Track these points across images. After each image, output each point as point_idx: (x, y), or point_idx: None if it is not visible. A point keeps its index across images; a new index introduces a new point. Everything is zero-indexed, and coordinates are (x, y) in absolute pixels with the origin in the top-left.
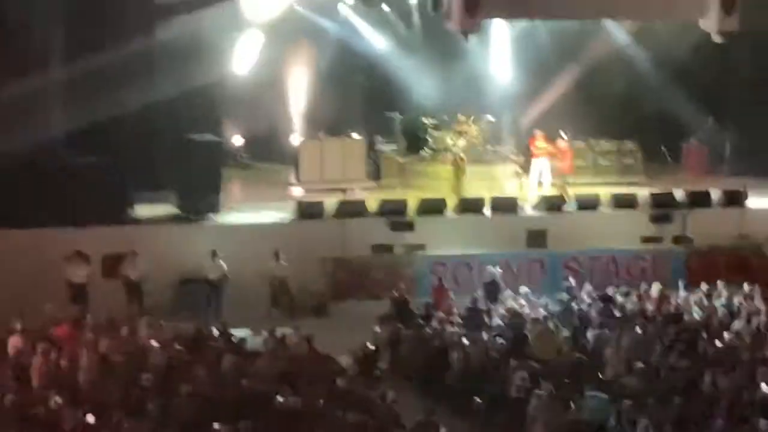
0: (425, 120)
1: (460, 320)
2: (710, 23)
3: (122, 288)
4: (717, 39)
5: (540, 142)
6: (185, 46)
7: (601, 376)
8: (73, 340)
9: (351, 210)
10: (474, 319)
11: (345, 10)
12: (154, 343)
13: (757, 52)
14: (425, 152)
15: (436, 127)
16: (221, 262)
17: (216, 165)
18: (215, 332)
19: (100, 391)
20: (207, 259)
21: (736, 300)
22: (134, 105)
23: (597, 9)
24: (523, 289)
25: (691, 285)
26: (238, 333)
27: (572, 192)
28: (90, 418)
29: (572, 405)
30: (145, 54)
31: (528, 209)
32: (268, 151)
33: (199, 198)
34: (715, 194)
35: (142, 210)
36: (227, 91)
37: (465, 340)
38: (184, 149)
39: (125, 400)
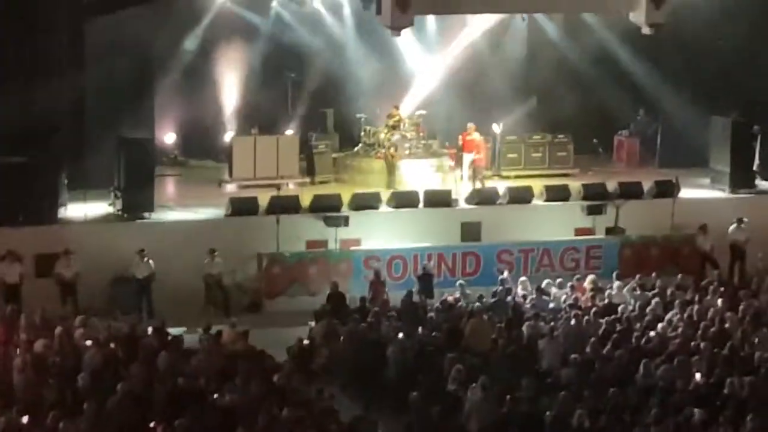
0: (358, 115)
1: (395, 314)
2: (640, 16)
3: (56, 287)
4: (646, 31)
5: (468, 136)
6: (115, 44)
7: (536, 368)
8: (6, 340)
9: (285, 206)
10: (409, 313)
11: (276, 6)
12: (88, 342)
13: (686, 43)
14: (358, 147)
15: (368, 122)
16: (149, 261)
17: (148, 163)
18: (150, 330)
19: (35, 391)
20: (135, 257)
21: (669, 290)
22: (65, 103)
23: (528, 2)
24: (458, 282)
25: (624, 276)
26: (174, 331)
27: (487, 184)
28: (24, 419)
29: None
30: (75, 52)
31: (461, 202)
32: (201, 148)
33: (132, 196)
34: (647, 185)
35: (75, 209)
36: (159, 89)
37: (401, 335)
38: (116, 147)
39: (60, 400)
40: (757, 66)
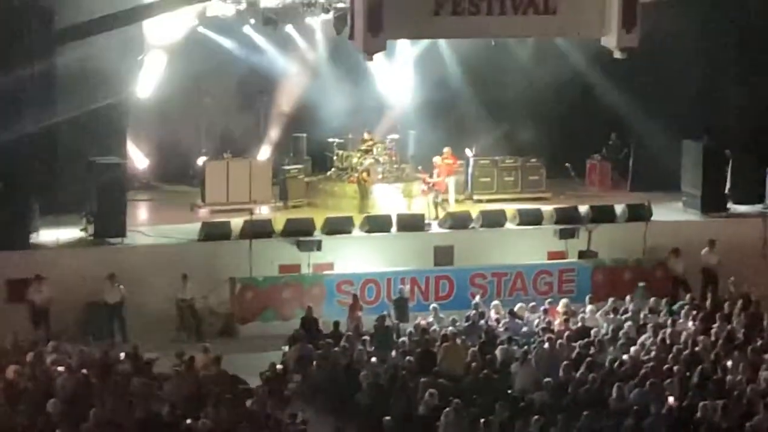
0: (331, 139)
1: (368, 339)
2: (611, 40)
3: (28, 313)
4: (618, 55)
5: (446, 160)
6: (87, 69)
7: (509, 392)
8: None
9: (257, 230)
10: (382, 337)
11: (249, 30)
12: (60, 368)
13: (658, 67)
14: (331, 171)
15: (341, 146)
16: (120, 286)
17: (120, 187)
18: (123, 356)
19: (7, 417)
20: (106, 283)
21: (642, 314)
22: (37, 129)
23: (499, 27)
24: (432, 305)
25: (597, 299)
26: (147, 356)
27: (448, 209)
28: None
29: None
30: (47, 77)
31: (434, 226)
32: (173, 172)
33: (104, 221)
34: (620, 209)
35: (47, 234)
36: (131, 113)
37: (374, 359)
38: (88, 172)
39: (32, 426)
40: (727, 90)
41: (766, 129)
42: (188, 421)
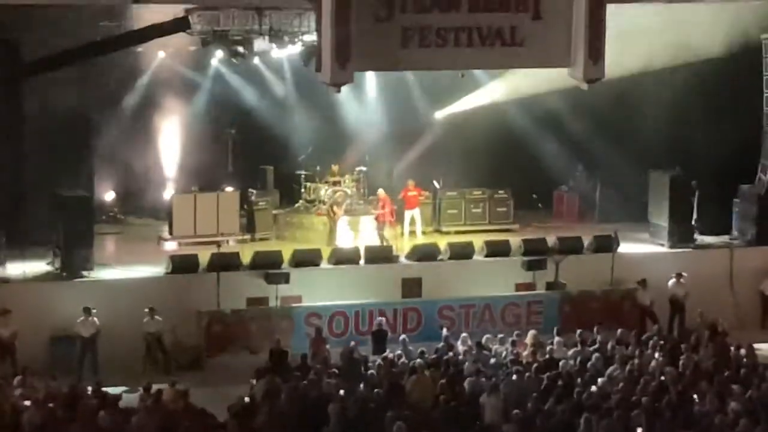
0: (298, 171)
1: (336, 371)
2: (577, 72)
3: None
4: (584, 87)
5: (410, 192)
6: (54, 102)
7: (478, 424)
8: None
9: (225, 263)
10: (351, 369)
11: (216, 63)
12: (27, 402)
13: (622, 99)
14: (299, 204)
15: (309, 179)
16: (94, 319)
17: (87, 221)
18: (89, 390)
19: None
20: (80, 315)
21: (610, 345)
22: (3, 162)
23: (465, 59)
24: (401, 337)
25: (565, 331)
26: (114, 390)
27: (399, 244)
28: None
29: None
30: (14, 111)
31: (402, 258)
32: (140, 205)
33: (71, 254)
34: (587, 240)
35: (14, 267)
36: (98, 146)
37: (342, 392)
38: (55, 205)
39: None
40: (694, 121)
41: (732, 160)
42: None
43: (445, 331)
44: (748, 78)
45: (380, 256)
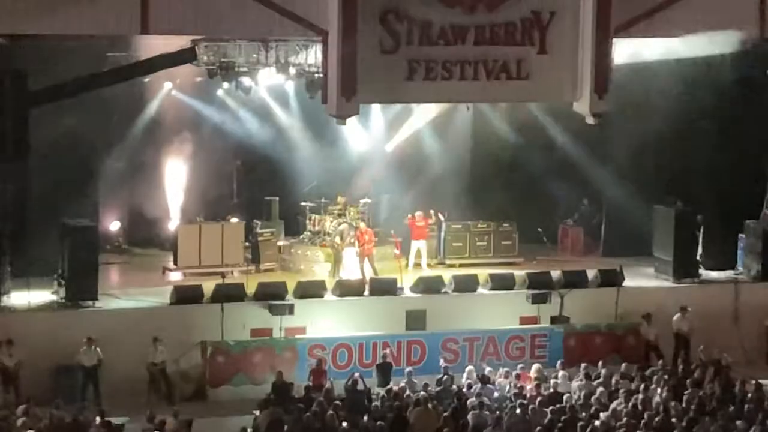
0: (303, 203)
1: (340, 403)
2: (583, 106)
3: None
4: (590, 121)
5: (418, 223)
6: (60, 131)
7: None
8: None
9: (229, 294)
10: (354, 401)
11: (222, 94)
12: None
13: (630, 133)
14: (303, 235)
15: (314, 210)
16: (97, 349)
17: (92, 251)
18: (93, 420)
19: None
20: (83, 345)
21: (614, 379)
22: (8, 190)
23: (472, 92)
24: (407, 370)
25: (569, 365)
26: (117, 420)
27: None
28: None
29: None
30: (20, 139)
31: (406, 290)
32: (145, 235)
33: (75, 284)
34: (591, 274)
35: (18, 297)
36: (104, 176)
37: (345, 424)
38: (60, 235)
39: None
40: (699, 155)
41: (737, 195)
42: None
43: (442, 362)
44: (755, 112)
45: (384, 287)
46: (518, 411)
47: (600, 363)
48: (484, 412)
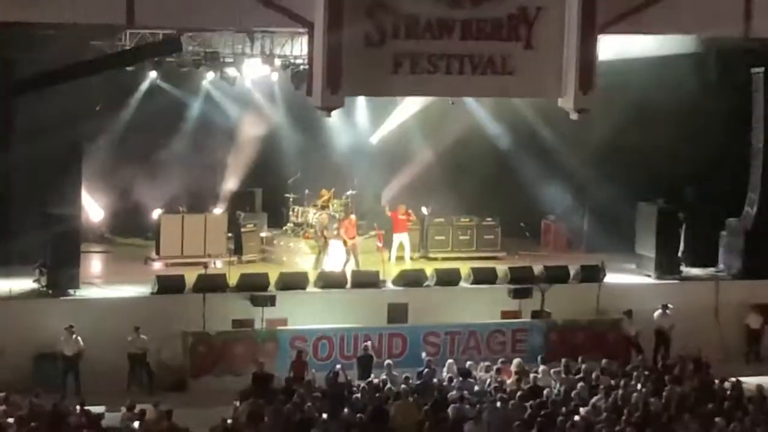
0: (287, 195)
1: (321, 395)
2: (568, 102)
3: None
4: (574, 117)
5: (402, 216)
6: (43, 120)
7: None
8: None
9: (211, 284)
10: (334, 393)
11: (207, 84)
12: (10, 420)
13: (614, 129)
14: (287, 227)
15: (297, 202)
16: (77, 338)
17: (74, 240)
18: (73, 409)
19: None
20: (63, 334)
21: (594, 374)
22: None
23: (456, 87)
24: (386, 362)
25: (550, 360)
26: (96, 409)
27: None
28: None
29: None
30: (3, 128)
31: (389, 283)
32: (128, 225)
33: (57, 273)
34: (573, 270)
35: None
36: (87, 165)
37: (325, 415)
38: (42, 223)
39: None
40: (682, 153)
41: (719, 193)
42: None
43: (424, 355)
44: (738, 109)
45: (366, 280)
46: (498, 405)
47: (580, 358)
48: (465, 406)
